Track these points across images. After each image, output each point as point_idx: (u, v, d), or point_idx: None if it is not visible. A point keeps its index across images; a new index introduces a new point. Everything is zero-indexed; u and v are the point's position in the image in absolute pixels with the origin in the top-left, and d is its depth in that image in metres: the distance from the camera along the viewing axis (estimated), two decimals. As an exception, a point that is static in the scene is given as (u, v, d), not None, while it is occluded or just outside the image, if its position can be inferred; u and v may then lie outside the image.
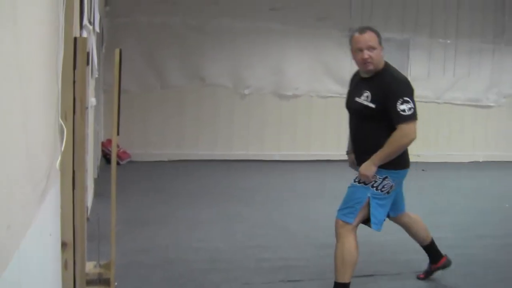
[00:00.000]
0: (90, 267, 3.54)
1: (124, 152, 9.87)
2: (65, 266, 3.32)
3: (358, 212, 3.71)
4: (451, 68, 11.96)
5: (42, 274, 2.42)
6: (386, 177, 3.69)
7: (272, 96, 10.94)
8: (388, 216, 4.01)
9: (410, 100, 3.56)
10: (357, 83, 3.90)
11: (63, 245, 3.29)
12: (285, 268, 4.59)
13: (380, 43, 3.69)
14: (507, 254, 5.27)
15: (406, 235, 5.69)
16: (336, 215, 3.81)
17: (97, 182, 7.21)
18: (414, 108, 3.58)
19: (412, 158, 3.89)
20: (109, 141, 9.10)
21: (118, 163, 9.19)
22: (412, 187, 8.84)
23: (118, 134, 3.53)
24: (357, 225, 3.78)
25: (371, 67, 3.69)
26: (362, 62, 3.69)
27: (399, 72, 3.80)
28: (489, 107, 12.49)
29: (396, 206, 4.04)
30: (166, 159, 10.29)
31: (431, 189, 8.72)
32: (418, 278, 4.43)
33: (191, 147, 10.55)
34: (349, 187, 3.85)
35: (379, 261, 4.91)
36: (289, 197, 7.59)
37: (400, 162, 3.76)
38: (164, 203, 6.88)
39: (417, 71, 11.55)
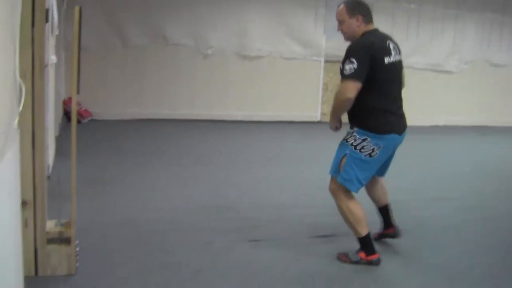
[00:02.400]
0: (50, 225, 3.53)
1: (86, 111, 9.77)
2: (25, 224, 3.33)
3: (338, 166, 3.92)
4: (414, 33, 12.05)
5: (1, 232, 2.42)
6: (366, 139, 3.78)
7: (235, 57, 10.89)
8: None
9: (355, 61, 3.61)
10: None
11: (23, 203, 3.28)
12: (247, 228, 4.64)
13: (351, 14, 3.84)
14: (463, 216, 5.40)
15: (366, 197, 5.83)
16: (329, 171, 4.08)
17: (58, 140, 7.14)
18: (356, 70, 3.62)
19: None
20: (70, 99, 8.98)
21: (79, 122, 9.15)
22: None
23: (78, 92, 3.49)
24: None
25: (345, 37, 3.91)
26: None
27: (371, 38, 3.85)
28: (450, 72, 12.65)
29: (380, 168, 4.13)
30: (127, 118, 10.22)
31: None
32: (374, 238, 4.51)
33: (153, 106, 10.49)
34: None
35: (337, 222, 4.98)
36: (251, 158, 7.64)
37: (377, 125, 3.82)
38: (125, 162, 6.86)
39: (380, 35, 11.59)
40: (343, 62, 3.69)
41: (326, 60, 11.38)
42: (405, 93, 4.12)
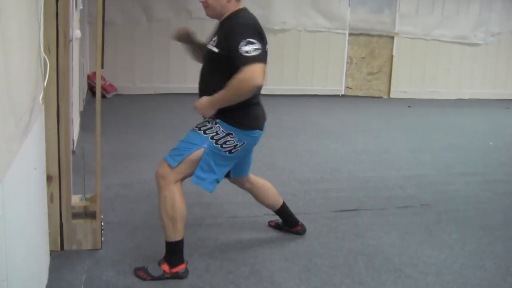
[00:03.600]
0: (76, 200, 3.57)
1: (110, 85, 9.80)
2: (50, 199, 3.36)
3: (184, 158, 3.27)
4: (440, 5, 11.85)
5: (27, 207, 2.44)
6: (230, 133, 3.24)
7: (260, 30, 10.81)
8: (227, 176, 3.62)
9: (255, 42, 3.03)
10: (214, 29, 3.48)
11: (49, 178, 3.31)
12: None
13: None
14: (487, 191, 5.35)
15: (389, 172, 5.80)
16: (164, 156, 3.41)
17: (83, 115, 7.19)
18: (261, 50, 3.05)
19: (398, 95, 3.77)
20: (95, 74, 9.02)
21: (104, 96, 9.21)
22: (397, 123, 8.96)
23: (102, 67, 3.51)
24: (182, 177, 3.35)
25: (208, 12, 3.34)
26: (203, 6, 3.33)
27: (255, 19, 3.26)
28: (476, 45, 12.44)
29: (238, 168, 3.66)
30: (152, 92, 10.26)
31: (416, 126, 8.77)
32: (270, 225, 4.17)
33: (178, 80, 10.49)
34: (190, 130, 3.40)
35: (362, 196, 4.98)
36: (276, 132, 7.61)
37: (245, 120, 3.28)
38: (150, 137, 6.88)
39: (405, 8, 11.44)
40: (231, 45, 3.07)
41: (351, 33, 11.26)
42: (430, 66, 3.93)
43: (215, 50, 3.21)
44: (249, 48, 3.00)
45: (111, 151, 5.81)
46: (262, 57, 3.05)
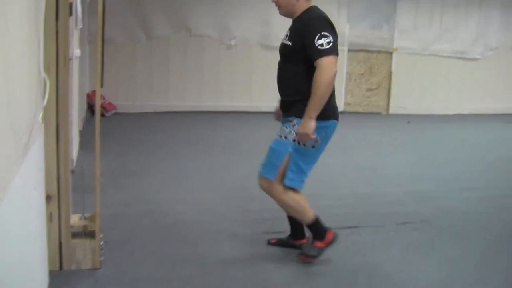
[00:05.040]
0: (75, 219, 3.56)
1: (110, 104, 9.81)
2: (50, 218, 3.35)
3: (278, 168, 3.56)
4: (437, 20, 11.89)
5: (26, 227, 2.44)
6: None
7: (259, 47, 10.85)
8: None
9: (328, 35, 3.35)
10: (290, 27, 3.73)
11: (48, 198, 3.30)
12: (270, 220, 4.62)
13: None
14: (488, 206, 5.35)
15: (388, 188, 5.79)
16: (259, 170, 3.71)
17: (82, 134, 7.18)
18: (334, 43, 3.36)
19: (397, 110, 3.78)
20: (95, 92, 9.03)
21: (103, 115, 9.22)
22: (397, 139, 8.96)
23: (102, 85, 3.50)
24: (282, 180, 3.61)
25: (280, 11, 3.64)
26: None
27: (325, 15, 3.54)
28: (475, 59, 12.46)
29: None
30: (152, 111, 10.26)
31: (415, 141, 8.78)
32: (270, 243, 4.13)
33: (177, 98, 10.51)
34: (272, 141, 3.65)
35: (362, 213, 4.97)
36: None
37: (323, 111, 3.44)
38: (150, 155, 6.88)
39: (403, 22, 11.49)
40: (306, 40, 3.38)
41: (350, 49, 11.29)
42: (429, 81, 3.97)
43: (288, 43, 3.54)
44: (323, 42, 3.33)
45: (110, 170, 5.80)
46: (334, 49, 3.37)
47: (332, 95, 3.53)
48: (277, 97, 3.76)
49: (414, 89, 11.80)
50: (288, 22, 3.69)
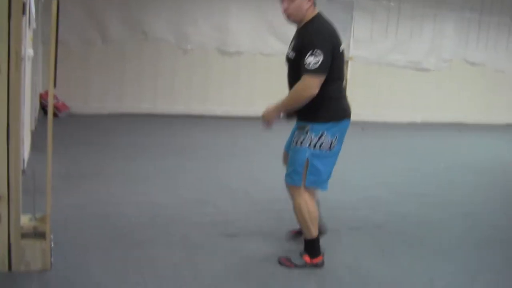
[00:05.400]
0: (25, 220, 3.50)
1: (63, 105, 9.69)
2: (-1, 219, 3.29)
3: (302, 174, 3.70)
4: (393, 31, 12.12)
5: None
6: (322, 134, 3.60)
7: (215, 52, 10.89)
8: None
9: (321, 53, 3.39)
10: (294, 35, 3.82)
11: (-3, 198, 3.25)
12: (224, 223, 4.64)
13: None
14: (439, 212, 5.46)
15: (342, 194, 5.86)
16: (284, 180, 3.86)
17: (34, 134, 7.07)
18: (323, 63, 3.40)
19: (352, 117, 3.83)
20: (48, 93, 8.91)
21: (56, 116, 9.09)
22: (350, 145, 9.02)
23: (55, 86, 3.46)
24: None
25: (289, 19, 3.67)
26: (282, 13, 3.68)
27: (327, 25, 3.62)
28: (428, 70, 12.75)
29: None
30: (106, 113, 10.16)
31: (369, 148, 8.91)
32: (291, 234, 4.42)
33: (132, 101, 10.46)
34: (291, 149, 3.80)
35: (337, 217, 5.02)
36: (230, 153, 7.64)
37: (334, 113, 3.65)
38: (104, 157, 6.81)
39: (360, 32, 11.67)
40: (303, 53, 3.45)
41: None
42: (383, 90, 4.09)
43: (292, 56, 3.66)
44: (311, 61, 3.39)
45: (63, 171, 5.72)
46: (320, 70, 3.41)
47: (343, 97, 3.74)
48: (233, 101, 3.81)
49: (369, 97, 11.99)
50: (243, 29, 3.72)
